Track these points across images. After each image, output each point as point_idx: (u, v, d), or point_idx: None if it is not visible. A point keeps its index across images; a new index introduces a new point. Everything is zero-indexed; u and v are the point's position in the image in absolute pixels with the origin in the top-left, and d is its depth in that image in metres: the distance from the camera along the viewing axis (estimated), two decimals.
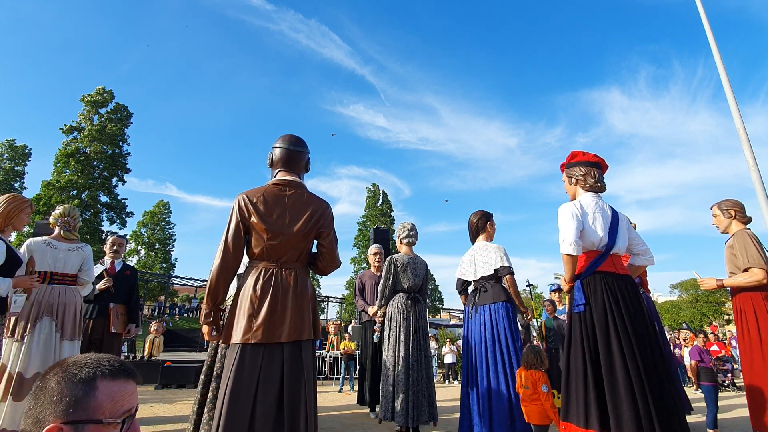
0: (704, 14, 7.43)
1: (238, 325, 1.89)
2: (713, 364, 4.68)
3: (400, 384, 3.40)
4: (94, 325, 3.85)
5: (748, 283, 2.79)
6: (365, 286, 4.95)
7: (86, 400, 0.72)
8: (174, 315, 29.79)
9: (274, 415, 1.78)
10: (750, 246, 2.82)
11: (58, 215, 3.48)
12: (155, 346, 8.93)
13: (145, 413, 4.40)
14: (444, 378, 10.99)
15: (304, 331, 1.95)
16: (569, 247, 2.25)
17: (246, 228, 2.00)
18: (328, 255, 2.18)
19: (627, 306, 2.22)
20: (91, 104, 27.80)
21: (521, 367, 3.00)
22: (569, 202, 2.50)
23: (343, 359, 7.55)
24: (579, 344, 2.25)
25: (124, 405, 0.77)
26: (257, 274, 1.96)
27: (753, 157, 6.13)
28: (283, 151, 2.17)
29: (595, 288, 2.28)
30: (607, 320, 2.19)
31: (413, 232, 3.97)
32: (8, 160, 33.10)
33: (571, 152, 2.68)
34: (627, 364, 2.06)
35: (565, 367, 2.31)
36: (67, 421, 0.70)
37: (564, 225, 2.33)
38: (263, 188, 2.09)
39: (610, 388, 2.06)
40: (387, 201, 41.75)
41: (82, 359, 0.77)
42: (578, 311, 2.30)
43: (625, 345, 2.11)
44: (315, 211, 2.10)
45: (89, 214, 26.09)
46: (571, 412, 2.18)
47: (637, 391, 2.00)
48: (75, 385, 0.73)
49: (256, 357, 1.83)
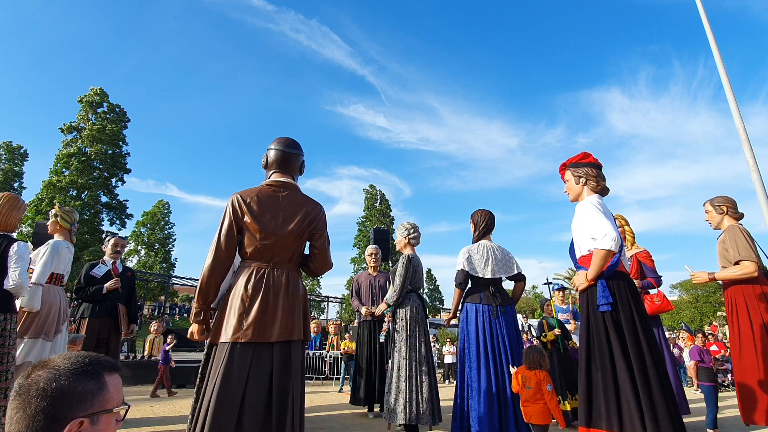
0: (704, 15, 7.43)
1: (228, 323, 1.89)
2: (713, 364, 4.68)
3: (424, 384, 3.34)
4: (101, 325, 3.86)
5: (739, 275, 2.79)
6: (361, 286, 4.97)
7: (101, 393, 0.80)
8: (174, 315, 29.79)
9: (263, 414, 1.78)
10: (741, 239, 2.84)
11: (72, 219, 3.58)
12: (155, 346, 8.92)
13: (145, 413, 4.39)
14: (444, 378, 10.99)
15: (294, 331, 1.95)
16: (612, 243, 2.15)
17: (239, 228, 2.00)
18: (321, 256, 2.19)
19: (642, 307, 2.26)
20: (87, 105, 27.81)
21: (521, 367, 2.99)
22: (585, 199, 2.47)
23: (343, 359, 7.55)
24: (605, 345, 2.18)
25: (122, 394, 0.87)
26: (249, 273, 1.96)
27: (753, 157, 6.13)
28: (277, 153, 2.19)
29: (620, 287, 2.26)
30: (635, 321, 2.17)
31: (419, 232, 3.96)
32: (7, 161, 33.11)
33: (582, 152, 2.67)
34: (656, 364, 2.07)
35: (586, 369, 2.23)
36: (86, 415, 0.76)
37: (599, 221, 2.25)
38: (257, 189, 2.10)
39: (645, 389, 2.02)
40: (385, 201, 41.76)
41: (76, 358, 0.82)
42: (604, 311, 2.24)
43: (651, 345, 2.12)
44: (308, 212, 2.11)
45: (89, 214, 26.09)
46: (596, 417, 2.10)
47: (665, 392, 2.02)
48: (87, 381, 0.79)
49: (245, 356, 1.83)
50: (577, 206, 2.50)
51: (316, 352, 9.02)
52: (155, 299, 33.26)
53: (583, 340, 2.32)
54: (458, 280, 3.40)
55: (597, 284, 2.31)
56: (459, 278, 3.40)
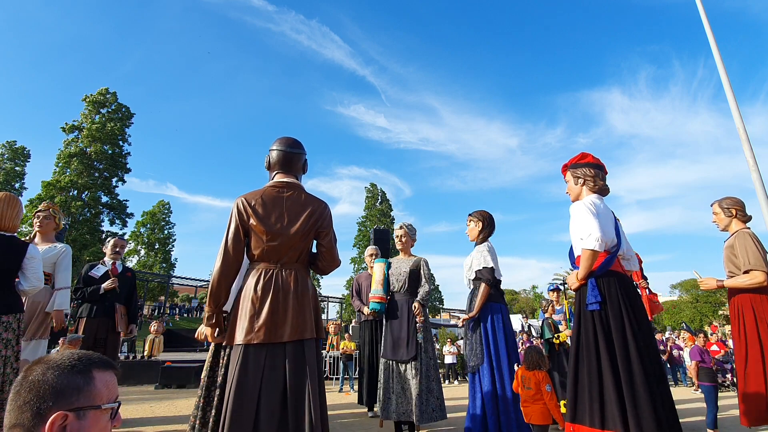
0: (704, 15, 7.43)
1: (240, 326, 1.91)
2: (713, 364, 4.68)
3: (440, 382, 3.50)
4: (99, 324, 3.88)
5: (748, 284, 2.77)
6: (362, 286, 4.96)
7: (87, 389, 0.79)
8: (174, 315, 29.81)
9: (279, 414, 1.80)
10: (751, 247, 2.80)
11: (62, 215, 3.59)
12: (155, 346, 8.93)
13: (145, 413, 4.39)
14: (444, 378, 10.99)
15: (306, 330, 1.96)
16: (596, 243, 2.20)
17: (245, 231, 2.01)
18: (328, 254, 2.19)
19: (635, 306, 2.23)
20: (92, 104, 27.82)
21: (521, 367, 2.99)
22: (579, 201, 2.48)
23: (342, 359, 7.55)
24: (592, 343, 2.21)
25: (114, 392, 0.86)
26: (258, 275, 1.98)
27: (753, 157, 6.13)
28: (280, 154, 2.19)
29: (610, 287, 2.27)
30: (623, 320, 2.18)
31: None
32: (8, 161, 33.13)
33: (581, 153, 2.67)
34: (644, 364, 2.06)
35: (574, 367, 2.26)
36: (70, 409, 0.76)
37: (586, 221, 2.28)
38: (261, 191, 2.10)
39: (629, 388, 2.03)
40: (386, 201, 41.76)
41: (69, 354, 0.83)
42: (593, 309, 2.26)
43: (640, 345, 2.11)
44: (313, 211, 2.11)
45: (90, 214, 26.10)
46: (580, 414, 2.13)
47: (651, 392, 2.01)
48: (74, 376, 0.79)
49: (258, 357, 1.85)
50: (570, 208, 2.50)
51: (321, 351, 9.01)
52: (155, 299, 33.27)
53: (574, 338, 2.36)
54: (488, 276, 3.30)
55: (587, 283, 2.33)
56: (489, 276, 3.31)
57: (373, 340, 4.59)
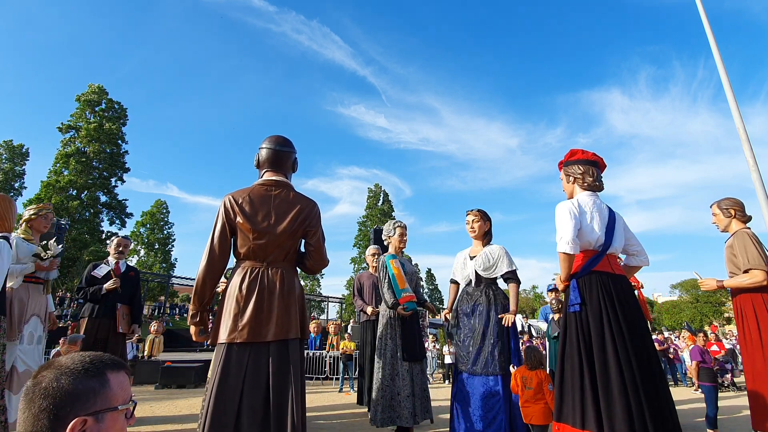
0: (704, 15, 7.42)
1: (224, 324, 1.90)
2: (713, 364, 4.68)
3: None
4: (99, 324, 3.87)
5: (748, 284, 2.78)
6: (363, 286, 4.94)
7: (103, 392, 0.79)
8: (174, 315, 29.78)
9: (261, 413, 1.79)
10: (750, 246, 2.81)
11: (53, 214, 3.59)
12: (155, 346, 8.91)
13: (145, 413, 4.39)
14: (444, 378, 10.98)
15: (290, 330, 1.95)
16: (566, 246, 2.23)
17: (232, 228, 2.00)
18: (316, 254, 2.17)
19: (622, 306, 2.20)
20: (86, 103, 27.64)
21: (520, 367, 2.99)
22: (567, 200, 2.47)
23: (342, 359, 7.54)
24: (575, 344, 2.23)
25: (128, 392, 0.86)
26: (243, 273, 1.97)
27: (753, 157, 6.13)
28: (269, 152, 2.18)
29: (591, 288, 2.27)
30: (602, 320, 2.17)
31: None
32: (7, 161, 33.08)
33: (570, 150, 2.66)
34: (621, 365, 2.05)
35: (560, 368, 2.29)
36: (89, 413, 0.76)
37: (561, 223, 2.30)
38: (249, 189, 2.09)
39: (604, 388, 2.04)
40: (388, 201, 41.72)
41: (79, 357, 0.82)
42: (573, 311, 2.28)
43: (619, 346, 2.09)
44: (301, 210, 2.10)
45: (89, 214, 26.06)
46: (565, 413, 2.15)
47: (630, 393, 1.99)
48: (89, 379, 0.78)
49: (241, 356, 1.84)
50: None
51: (316, 352, 9.00)
52: (155, 299, 33.22)
53: (560, 339, 2.38)
54: (517, 277, 3.27)
55: (570, 285, 2.35)
56: (517, 276, 3.27)
57: (375, 340, 4.57)
